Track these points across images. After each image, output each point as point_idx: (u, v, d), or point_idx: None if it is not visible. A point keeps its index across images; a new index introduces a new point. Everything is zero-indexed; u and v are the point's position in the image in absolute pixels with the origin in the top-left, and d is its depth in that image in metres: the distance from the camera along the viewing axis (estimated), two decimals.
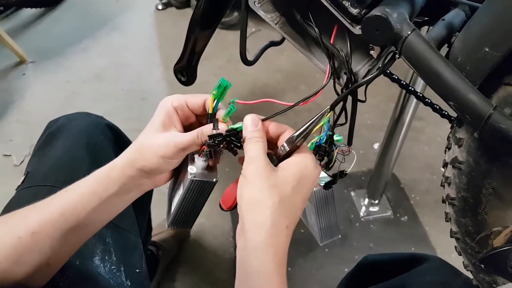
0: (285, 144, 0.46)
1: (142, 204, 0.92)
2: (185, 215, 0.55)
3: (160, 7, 2.31)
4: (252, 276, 0.40)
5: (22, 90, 1.81)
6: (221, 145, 0.47)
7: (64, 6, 2.36)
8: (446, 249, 1.23)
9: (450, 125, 0.52)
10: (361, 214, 1.31)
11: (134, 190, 0.50)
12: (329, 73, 0.48)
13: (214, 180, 0.52)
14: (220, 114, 0.49)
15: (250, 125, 0.46)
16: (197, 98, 0.50)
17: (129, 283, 0.63)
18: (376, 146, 1.52)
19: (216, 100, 0.49)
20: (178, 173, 0.55)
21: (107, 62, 1.96)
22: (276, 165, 0.45)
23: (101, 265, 0.60)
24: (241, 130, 0.48)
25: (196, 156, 0.51)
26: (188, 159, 0.52)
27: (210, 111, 0.49)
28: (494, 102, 0.38)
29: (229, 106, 0.48)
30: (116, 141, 0.75)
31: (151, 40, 2.16)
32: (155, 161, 0.47)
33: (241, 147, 0.48)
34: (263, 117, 0.49)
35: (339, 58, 0.47)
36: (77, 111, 0.80)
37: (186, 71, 0.60)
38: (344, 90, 0.50)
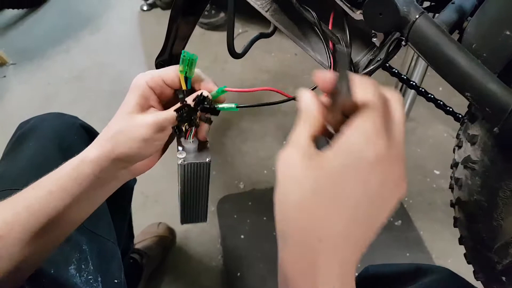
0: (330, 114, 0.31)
1: (121, 209, 0.87)
2: (193, 206, 0.52)
3: (145, 8, 2.26)
4: (280, 271, 0.33)
5: (2, 92, 1.76)
6: (193, 117, 0.43)
7: (47, 7, 2.30)
8: (441, 253, 1.20)
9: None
10: None
11: (109, 183, 0.46)
12: (332, 62, 0.43)
13: (207, 160, 0.48)
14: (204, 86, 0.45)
15: (306, 102, 0.33)
16: (173, 72, 0.45)
17: None
18: None
19: (185, 77, 0.45)
20: None
21: (89, 62, 1.91)
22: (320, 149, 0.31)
23: (77, 274, 0.55)
24: (207, 96, 0.44)
25: (182, 139, 0.48)
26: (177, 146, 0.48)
27: (184, 88, 0.45)
28: None
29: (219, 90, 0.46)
30: (91, 142, 0.70)
31: (135, 40, 2.10)
32: (135, 146, 0.42)
33: (215, 113, 0.44)
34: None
35: (339, 47, 0.42)
36: (57, 112, 0.75)
37: (168, 64, 0.55)
38: None
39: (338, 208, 0.28)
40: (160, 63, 0.55)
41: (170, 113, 0.43)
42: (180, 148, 0.48)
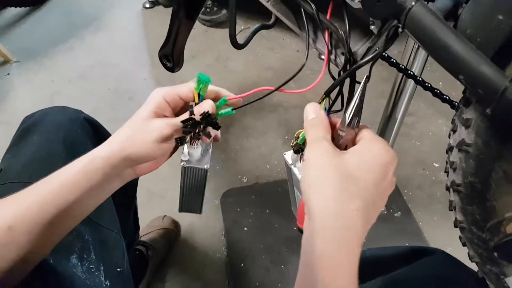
0: (340, 129, 0.42)
1: (126, 201, 0.89)
2: (190, 200, 0.60)
3: (147, 5, 2.27)
4: (317, 264, 0.35)
5: (5, 90, 1.77)
6: (196, 129, 0.48)
7: (49, 5, 2.31)
8: (441, 244, 1.20)
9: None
10: None
11: (115, 180, 0.48)
12: (327, 53, 0.45)
13: (205, 167, 0.54)
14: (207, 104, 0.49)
15: (311, 112, 0.44)
16: (187, 88, 0.50)
17: (109, 283, 0.59)
18: None
19: (199, 95, 0.50)
20: None
21: (92, 61, 1.92)
22: None
23: (79, 264, 0.57)
24: (212, 113, 0.48)
25: (187, 145, 0.53)
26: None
27: (196, 101, 0.50)
28: (508, 75, 0.35)
29: (222, 101, 0.50)
30: (95, 136, 0.71)
31: (138, 38, 2.11)
32: (147, 146, 0.46)
33: (216, 128, 0.49)
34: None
35: (337, 35, 0.44)
36: (61, 105, 0.76)
37: (171, 56, 0.57)
38: (342, 73, 0.47)
39: (362, 189, 0.37)
40: (164, 54, 0.57)
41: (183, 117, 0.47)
42: (185, 151, 0.54)
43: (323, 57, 0.52)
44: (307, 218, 0.37)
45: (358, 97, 0.42)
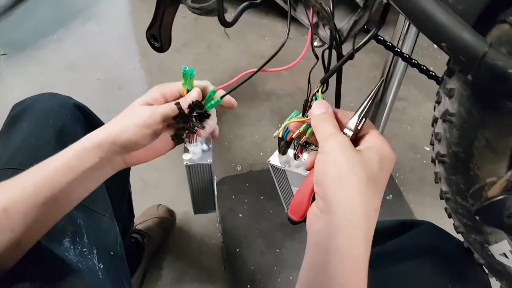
0: (348, 128, 0.42)
1: (119, 188, 0.89)
2: (201, 200, 0.61)
3: None
4: (337, 259, 0.36)
5: None
6: (188, 123, 0.48)
7: None
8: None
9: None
10: None
11: (107, 166, 0.49)
12: (311, 30, 0.45)
13: (208, 161, 0.56)
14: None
15: (320, 107, 0.44)
16: (173, 87, 0.51)
17: (102, 266, 0.59)
18: None
19: (188, 90, 0.50)
20: None
21: (82, 52, 1.90)
22: None
23: (71, 247, 0.57)
24: (198, 101, 0.48)
25: (187, 144, 0.54)
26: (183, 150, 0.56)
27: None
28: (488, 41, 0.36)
29: (211, 93, 0.50)
30: (86, 122, 0.72)
31: (127, 28, 2.10)
32: (129, 129, 0.47)
33: (206, 116, 0.50)
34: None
35: (322, 13, 0.44)
36: (51, 92, 0.76)
37: (159, 36, 0.57)
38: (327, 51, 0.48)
39: (381, 189, 0.40)
40: (151, 34, 0.57)
41: (167, 106, 0.48)
42: (186, 150, 0.55)
43: (316, 43, 0.53)
44: (324, 213, 0.38)
45: (372, 98, 0.43)
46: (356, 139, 0.43)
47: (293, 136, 0.48)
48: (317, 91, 0.47)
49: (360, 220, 0.36)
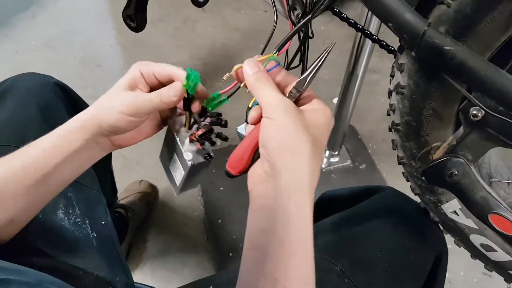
0: (294, 89, 0.42)
1: (102, 163, 0.91)
2: (190, 184, 0.60)
3: None
4: (287, 222, 0.38)
5: None
6: (211, 135, 0.51)
7: None
8: (402, 190, 1.30)
9: None
10: (323, 165, 1.36)
11: (94, 148, 0.50)
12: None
13: (212, 155, 0.55)
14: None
15: (252, 67, 0.43)
16: (163, 69, 0.49)
17: (95, 235, 0.63)
18: (335, 101, 1.56)
19: (188, 92, 0.48)
20: (168, 144, 0.58)
21: (56, 29, 1.86)
22: None
23: (65, 218, 0.60)
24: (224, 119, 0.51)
25: (185, 144, 0.54)
26: (178, 142, 0.54)
27: (185, 96, 0.49)
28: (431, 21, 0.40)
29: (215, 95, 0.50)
30: (67, 99, 0.73)
31: (101, 3, 2.05)
32: (113, 116, 0.47)
33: (225, 126, 0.52)
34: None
35: None
36: (31, 72, 0.76)
37: (135, 16, 0.58)
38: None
39: (323, 150, 0.43)
40: (127, 14, 0.59)
41: (148, 96, 0.47)
42: (186, 149, 0.54)
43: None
44: (271, 177, 0.39)
45: (322, 60, 0.43)
46: (296, 100, 0.43)
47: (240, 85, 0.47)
48: (270, 58, 0.45)
49: (308, 185, 0.39)
